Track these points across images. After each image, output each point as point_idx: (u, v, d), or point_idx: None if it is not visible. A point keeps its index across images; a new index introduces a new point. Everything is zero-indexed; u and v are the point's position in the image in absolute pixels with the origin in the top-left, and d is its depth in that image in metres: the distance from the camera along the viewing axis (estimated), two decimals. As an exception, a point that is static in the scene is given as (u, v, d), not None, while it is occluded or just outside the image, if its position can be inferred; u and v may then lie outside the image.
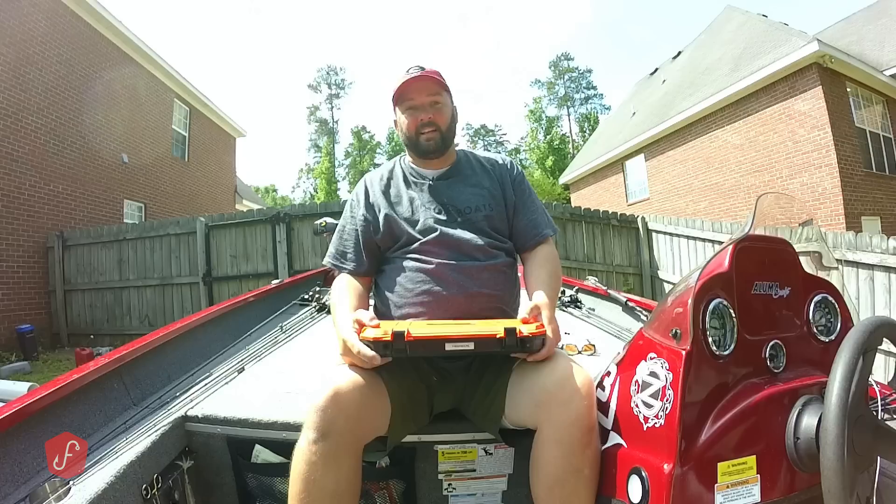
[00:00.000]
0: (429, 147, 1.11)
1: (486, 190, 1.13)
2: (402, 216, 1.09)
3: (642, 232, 6.30)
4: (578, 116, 31.72)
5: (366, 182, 1.20)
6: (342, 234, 1.16)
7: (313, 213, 5.86)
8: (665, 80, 12.97)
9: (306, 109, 34.29)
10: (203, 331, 1.50)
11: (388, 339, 0.80)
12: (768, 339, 0.74)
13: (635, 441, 0.72)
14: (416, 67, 1.11)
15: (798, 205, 0.94)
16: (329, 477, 0.77)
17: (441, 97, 1.11)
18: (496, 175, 1.16)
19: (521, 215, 1.14)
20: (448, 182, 1.14)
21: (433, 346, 0.81)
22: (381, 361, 0.83)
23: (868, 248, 3.70)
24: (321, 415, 0.78)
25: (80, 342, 5.87)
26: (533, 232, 1.13)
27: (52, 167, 6.49)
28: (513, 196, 1.14)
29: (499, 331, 0.81)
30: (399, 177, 1.17)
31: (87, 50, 7.27)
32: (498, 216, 1.11)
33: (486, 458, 1.05)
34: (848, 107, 7.59)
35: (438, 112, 1.10)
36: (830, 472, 0.56)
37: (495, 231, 1.10)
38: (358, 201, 1.16)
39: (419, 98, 1.09)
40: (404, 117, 1.11)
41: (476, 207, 1.10)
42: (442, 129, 1.11)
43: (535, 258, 1.11)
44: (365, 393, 0.82)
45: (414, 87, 1.08)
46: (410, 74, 1.09)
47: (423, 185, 1.13)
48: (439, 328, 0.86)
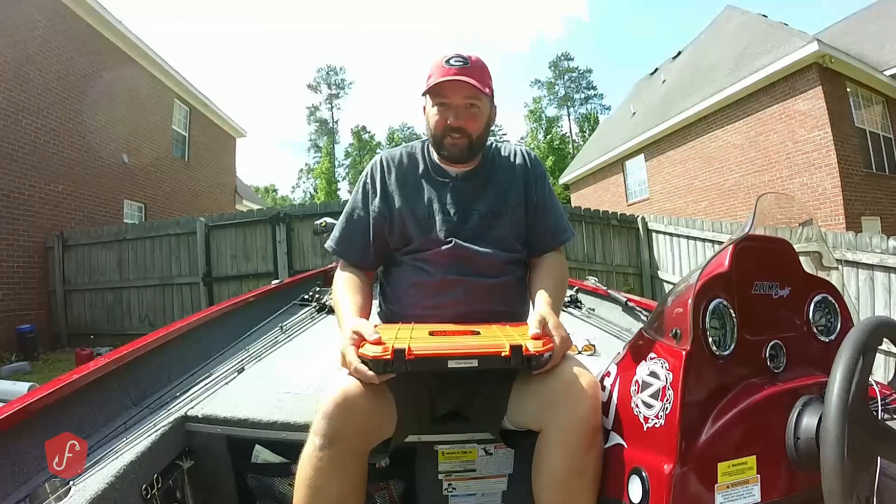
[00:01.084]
0: (452, 153, 1.02)
1: (511, 192, 1.06)
2: (418, 217, 1.02)
3: (642, 232, 6.29)
4: (578, 116, 31.78)
5: (383, 164, 1.09)
6: (351, 217, 1.08)
7: (313, 213, 5.86)
8: (665, 80, 12.97)
9: (306, 109, 34.36)
10: (203, 331, 1.49)
11: (388, 358, 0.76)
12: (768, 340, 0.74)
13: (635, 441, 0.72)
14: (459, 59, 0.97)
15: (798, 205, 0.93)
16: (334, 484, 0.76)
17: (480, 101, 0.99)
18: (521, 174, 1.08)
19: (542, 217, 1.07)
20: (472, 184, 1.06)
21: (436, 364, 0.78)
22: (380, 380, 0.79)
23: (868, 248, 3.70)
24: (329, 422, 0.76)
25: (80, 342, 5.86)
26: (554, 237, 1.08)
27: (52, 167, 6.49)
28: (534, 197, 1.07)
29: (504, 347, 0.78)
30: (420, 168, 1.08)
31: (87, 50, 7.27)
32: (519, 221, 1.05)
33: (486, 459, 1.05)
34: (848, 107, 7.59)
35: (472, 118, 0.99)
36: (830, 472, 0.56)
37: (516, 238, 1.05)
38: (373, 185, 1.07)
39: (454, 98, 0.98)
40: (433, 112, 1.00)
41: (498, 213, 1.03)
42: (472, 137, 1.00)
43: (544, 264, 1.07)
44: (372, 398, 0.80)
45: (450, 86, 0.96)
46: (450, 68, 0.96)
47: (444, 184, 1.05)
48: (442, 341, 0.83)
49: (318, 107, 34.20)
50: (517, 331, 0.89)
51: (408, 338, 0.82)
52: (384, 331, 0.85)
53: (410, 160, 1.09)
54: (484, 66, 1.01)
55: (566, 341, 0.85)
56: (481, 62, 1.01)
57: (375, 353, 0.77)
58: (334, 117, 34.09)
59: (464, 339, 0.84)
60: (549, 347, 0.80)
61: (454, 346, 0.81)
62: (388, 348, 0.77)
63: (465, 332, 0.88)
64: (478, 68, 0.99)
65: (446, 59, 0.98)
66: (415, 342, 0.80)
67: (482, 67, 1.00)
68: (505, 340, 0.80)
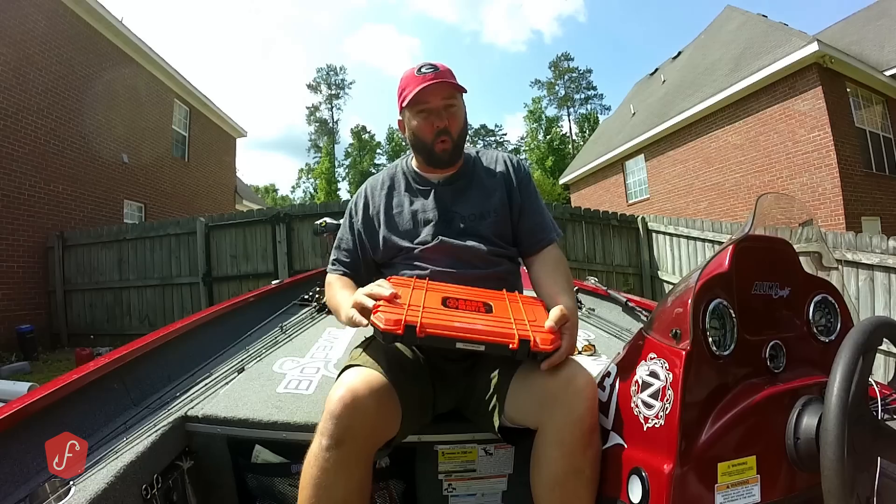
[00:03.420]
0: (443, 157, 1.06)
1: (493, 195, 1.09)
2: (403, 228, 1.07)
3: (642, 232, 6.29)
4: (578, 117, 31.82)
5: (366, 192, 1.16)
6: (340, 243, 1.15)
7: (313, 214, 5.86)
8: (665, 80, 12.98)
9: (306, 109, 34.36)
10: (203, 331, 1.50)
11: (399, 333, 0.76)
12: (768, 340, 0.74)
13: (635, 441, 0.72)
14: (429, 66, 1.04)
15: (798, 205, 0.93)
16: (340, 484, 0.76)
17: (456, 100, 1.06)
18: (503, 177, 1.12)
19: (526, 218, 1.10)
20: (453, 188, 1.10)
21: (444, 343, 0.78)
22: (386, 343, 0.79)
23: (868, 248, 3.70)
24: (336, 422, 0.76)
25: (80, 342, 5.86)
26: (538, 237, 1.10)
27: (52, 167, 6.49)
28: (518, 199, 1.10)
29: (513, 338, 0.78)
30: (401, 184, 1.13)
31: (87, 50, 7.27)
32: (503, 222, 1.08)
33: (486, 459, 1.05)
34: (848, 107, 7.59)
35: (453, 117, 1.05)
36: (830, 472, 0.56)
37: (499, 238, 1.07)
38: (356, 212, 1.14)
39: (434, 101, 1.03)
40: (416, 121, 1.05)
41: (481, 215, 1.07)
42: (454, 138, 1.05)
43: (546, 263, 1.07)
44: (379, 398, 0.80)
45: (429, 91, 1.02)
46: (424, 76, 1.02)
47: (426, 191, 1.10)
48: (453, 315, 0.82)
49: (318, 107, 34.25)
50: (530, 311, 0.88)
51: (420, 305, 0.82)
52: (398, 285, 0.86)
53: (392, 180, 1.15)
54: (450, 69, 1.07)
55: (572, 345, 0.85)
56: (447, 66, 1.07)
57: (387, 325, 0.76)
58: (334, 117, 34.14)
59: (474, 318, 0.83)
60: (556, 345, 0.80)
61: (464, 324, 0.80)
62: (401, 321, 0.76)
63: (478, 306, 0.87)
64: (447, 72, 1.05)
65: (416, 69, 1.04)
66: (427, 313, 0.80)
67: (450, 71, 1.06)
68: (515, 328, 0.80)
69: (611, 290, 2.01)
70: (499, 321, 0.83)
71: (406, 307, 0.81)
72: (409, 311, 0.79)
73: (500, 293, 0.95)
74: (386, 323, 0.77)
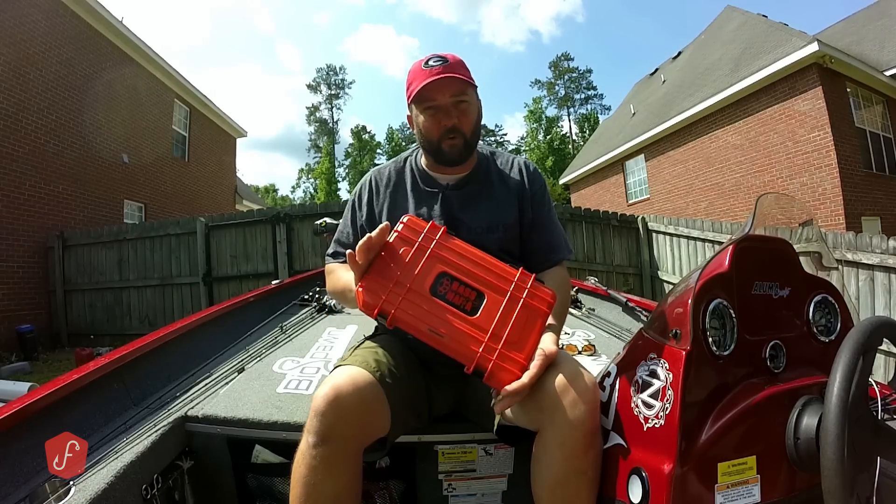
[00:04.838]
0: (451, 156, 1.00)
1: (504, 209, 1.03)
2: None
3: (642, 232, 6.30)
4: (578, 117, 31.81)
5: (371, 182, 1.10)
6: (341, 236, 1.12)
7: (313, 214, 5.87)
8: (665, 80, 12.98)
9: (306, 109, 34.36)
10: (203, 331, 1.50)
11: (373, 317, 0.79)
12: (768, 340, 0.74)
13: (635, 441, 0.72)
14: (437, 59, 0.96)
15: (798, 205, 0.93)
16: (329, 482, 0.76)
17: (468, 95, 0.97)
18: (517, 189, 1.06)
19: (538, 235, 1.06)
20: (462, 193, 1.04)
21: (411, 336, 0.79)
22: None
23: (868, 248, 3.70)
24: (321, 419, 0.76)
25: (80, 342, 5.87)
26: (548, 255, 1.05)
27: (52, 167, 6.49)
28: (531, 213, 1.05)
29: (471, 361, 0.75)
30: (408, 181, 1.07)
31: (87, 50, 7.27)
32: (512, 238, 1.03)
33: (486, 459, 1.05)
34: (848, 107, 7.59)
35: (464, 114, 0.98)
36: (830, 472, 0.56)
37: (506, 253, 1.01)
38: (360, 206, 1.09)
39: (442, 98, 0.95)
40: (423, 118, 0.99)
41: (489, 228, 1.01)
42: (466, 136, 0.99)
43: (549, 283, 1.01)
44: (365, 396, 0.80)
45: (435, 86, 0.94)
46: (431, 70, 0.94)
47: (433, 194, 1.04)
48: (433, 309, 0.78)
49: (317, 107, 34.25)
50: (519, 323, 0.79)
51: (406, 285, 0.79)
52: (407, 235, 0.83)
53: (399, 175, 1.09)
54: (462, 61, 0.98)
55: (532, 381, 0.76)
56: (459, 58, 0.98)
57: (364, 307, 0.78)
58: (334, 117, 34.14)
59: (452, 317, 0.78)
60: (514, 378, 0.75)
61: (434, 325, 0.77)
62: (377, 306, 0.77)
63: (468, 296, 0.80)
64: (458, 64, 0.97)
65: (424, 62, 0.97)
66: (407, 301, 0.78)
67: (461, 63, 0.98)
68: (483, 347, 0.76)
69: (611, 290, 2.01)
70: (473, 329, 0.78)
71: (391, 285, 0.78)
72: (391, 292, 0.78)
73: (508, 279, 0.83)
74: (364, 304, 0.78)
